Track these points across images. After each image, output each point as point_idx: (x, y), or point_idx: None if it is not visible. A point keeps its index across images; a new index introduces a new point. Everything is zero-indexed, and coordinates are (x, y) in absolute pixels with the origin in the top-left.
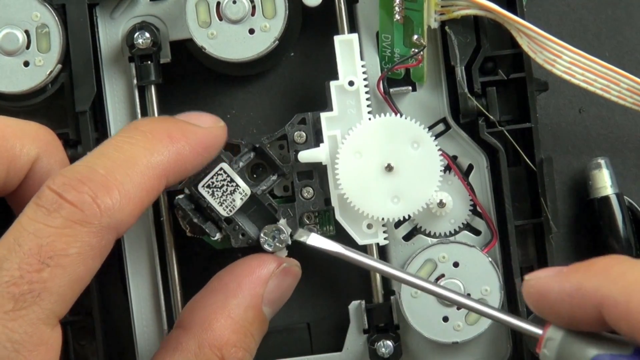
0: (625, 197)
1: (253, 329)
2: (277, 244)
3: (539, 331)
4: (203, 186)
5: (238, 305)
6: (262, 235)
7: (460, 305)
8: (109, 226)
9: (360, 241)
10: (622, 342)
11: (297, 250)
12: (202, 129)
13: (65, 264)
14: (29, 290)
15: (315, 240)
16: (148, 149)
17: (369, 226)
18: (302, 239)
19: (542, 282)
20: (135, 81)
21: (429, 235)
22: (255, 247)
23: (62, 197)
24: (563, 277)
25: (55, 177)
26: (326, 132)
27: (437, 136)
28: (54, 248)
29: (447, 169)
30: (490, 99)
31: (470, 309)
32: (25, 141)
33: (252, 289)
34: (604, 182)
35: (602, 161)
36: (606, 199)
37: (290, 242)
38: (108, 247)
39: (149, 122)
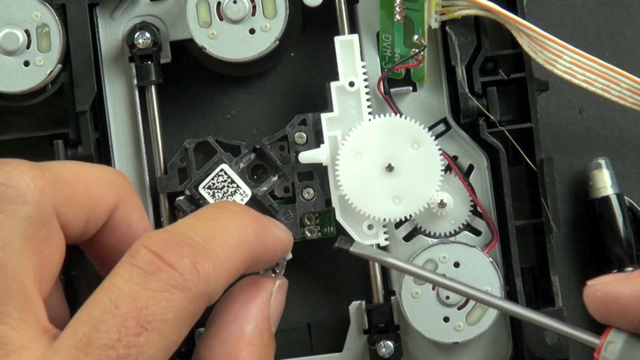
0: (625, 197)
1: (269, 351)
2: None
3: (595, 340)
4: (204, 187)
5: (254, 332)
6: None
7: (522, 318)
8: (205, 293)
9: (361, 242)
10: None
11: (296, 251)
12: (282, 228)
13: (162, 329)
14: (126, 354)
15: (358, 247)
16: (239, 227)
17: (370, 227)
18: (345, 247)
19: (610, 285)
20: (135, 81)
21: (429, 235)
22: None
23: (161, 259)
24: (634, 279)
25: (152, 237)
26: (327, 133)
27: (437, 136)
28: (152, 312)
29: (447, 169)
30: (491, 99)
31: (526, 319)
32: (104, 189)
33: (261, 312)
34: (604, 182)
35: (602, 161)
36: (606, 199)
37: (290, 256)
38: (199, 315)
39: (238, 205)
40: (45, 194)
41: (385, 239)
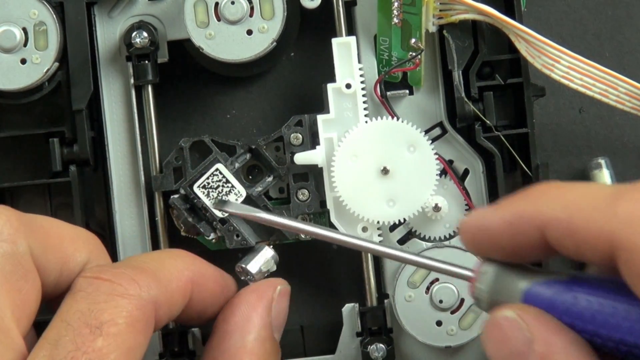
0: None
1: (273, 358)
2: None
3: (469, 273)
4: (199, 186)
5: (256, 340)
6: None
7: (386, 257)
8: (150, 300)
9: None
10: (556, 273)
11: (292, 252)
12: (219, 270)
13: (116, 332)
14: None
15: (233, 207)
16: (173, 254)
17: (364, 229)
18: (220, 208)
19: (479, 217)
20: (132, 80)
21: (423, 239)
22: (249, 248)
23: (99, 279)
24: (501, 208)
25: (87, 269)
26: (323, 135)
27: (433, 140)
28: (102, 318)
29: (443, 173)
30: (487, 104)
31: (399, 260)
32: (78, 244)
33: (262, 320)
34: (604, 182)
35: (602, 161)
36: None
37: (274, 269)
38: (151, 325)
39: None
40: (21, 233)
41: (380, 242)
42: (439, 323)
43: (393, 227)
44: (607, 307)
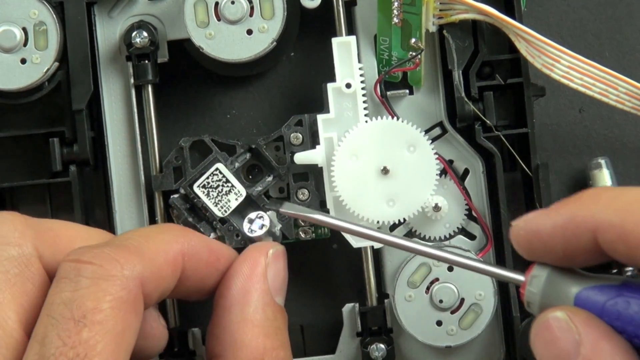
0: None
1: (278, 322)
2: (258, 230)
3: (520, 277)
4: (198, 186)
5: (255, 310)
6: (245, 222)
7: (440, 260)
8: (134, 277)
9: (355, 244)
10: (608, 278)
11: (292, 251)
12: (213, 240)
13: (101, 319)
14: (76, 354)
15: (288, 207)
16: (160, 231)
17: None
18: (275, 208)
19: (532, 221)
20: (132, 80)
21: (424, 239)
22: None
23: (79, 261)
24: (553, 212)
25: (69, 252)
26: (323, 134)
27: (433, 140)
28: (85, 307)
29: (443, 173)
30: (487, 104)
31: (451, 263)
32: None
33: (258, 289)
34: (605, 182)
35: (602, 161)
36: None
37: (278, 233)
38: (139, 303)
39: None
40: (27, 236)
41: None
42: (439, 323)
43: (393, 227)
44: None
